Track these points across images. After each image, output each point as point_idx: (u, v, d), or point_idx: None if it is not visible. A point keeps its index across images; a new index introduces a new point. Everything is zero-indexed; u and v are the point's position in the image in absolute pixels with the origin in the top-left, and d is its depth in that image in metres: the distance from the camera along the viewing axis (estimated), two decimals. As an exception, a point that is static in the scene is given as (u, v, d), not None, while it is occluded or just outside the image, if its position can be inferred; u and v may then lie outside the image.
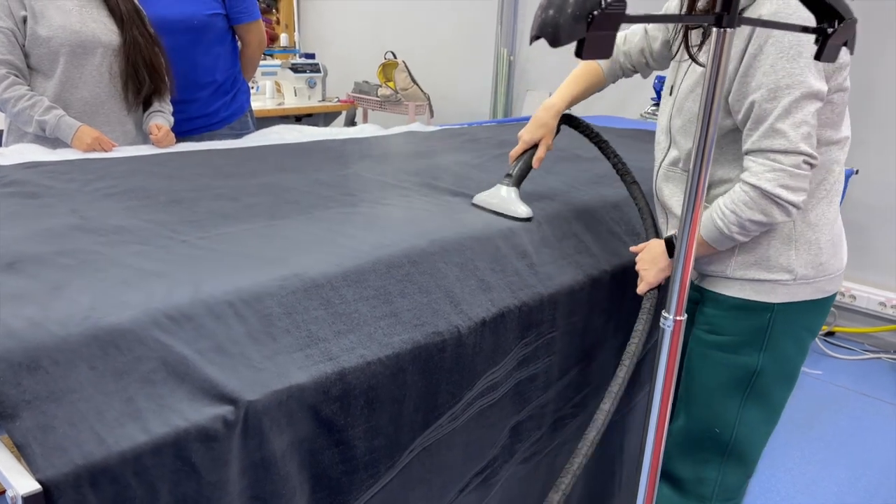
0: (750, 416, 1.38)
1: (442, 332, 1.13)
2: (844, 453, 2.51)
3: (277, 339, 0.97)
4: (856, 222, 3.28)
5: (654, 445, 1.14)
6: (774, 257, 1.29)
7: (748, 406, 1.37)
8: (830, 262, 1.32)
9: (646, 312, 1.37)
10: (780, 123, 1.16)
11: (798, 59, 1.14)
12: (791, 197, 1.18)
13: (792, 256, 1.29)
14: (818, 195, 1.29)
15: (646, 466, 1.16)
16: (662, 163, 1.41)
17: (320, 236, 1.23)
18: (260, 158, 1.86)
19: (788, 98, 1.15)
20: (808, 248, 1.29)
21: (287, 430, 0.93)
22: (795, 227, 1.29)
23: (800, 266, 1.29)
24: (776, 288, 1.30)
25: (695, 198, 0.99)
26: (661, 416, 1.13)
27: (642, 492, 1.18)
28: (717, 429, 1.39)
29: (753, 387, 1.35)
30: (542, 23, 0.81)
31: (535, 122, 1.50)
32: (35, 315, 0.87)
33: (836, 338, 3.43)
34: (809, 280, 1.30)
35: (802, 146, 1.16)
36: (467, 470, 1.28)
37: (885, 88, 3.09)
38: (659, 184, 1.42)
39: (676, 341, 1.08)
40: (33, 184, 1.47)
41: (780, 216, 1.20)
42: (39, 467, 0.74)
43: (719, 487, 1.43)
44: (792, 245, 1.29)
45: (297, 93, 4.20)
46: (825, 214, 1.30)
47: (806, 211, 1.28)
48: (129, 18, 2.06)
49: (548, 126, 1.49)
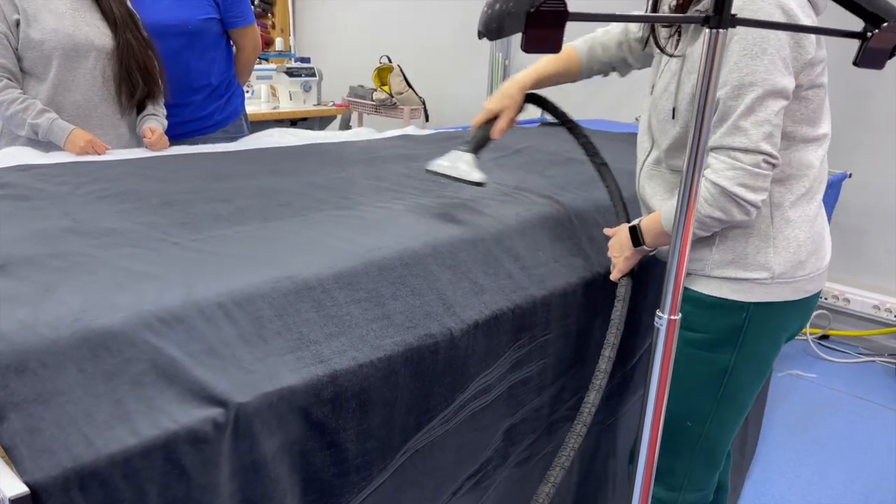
0: (722, 412, 1.38)
1: (434, 334, 1.13)
2: (839, 456, 2.51)
3: (268, 341, 0.97)
4: (850, 225, 3.29)
5: (649, 447, 1.14)
6: (752, 255, 1.28)
7: (722, 403, 1.37)
8: (810, 260, 1.30)
9: (620, 300, 1.38)
10: (743, 121, 1.16)
11: (762, 56, 1.13)
12: (750, 196, 1.18)
13: (770, 254, 1.27)
14: (797, 192, 1.27)
15: (641, 469, 1.16)
16: (645, 161, 1.41)
17: (313, 238, 1.23)
18: (254, 161, 1.85)
19: (751, 95, 1.14)
20: (787, 246, 1.28)
21: (278, 433, 0.93)
22: (774, 224, 1.27)
23: (778, 264, 1.27)
24: (753, 287, 1.29)
25: (688, 199, 0.98)
26: (656, 417, 1.13)
27: (637, 495, 1.18)
28: (689, 423, 1.39)
29: (727, 384, 1.35)
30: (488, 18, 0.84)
31: (500, 93, 1.49)
32: (25, 317, 0.87)
33: (830, 341, 3.44)
34: (788, 279, 1.29)
35: (763, 145, 1.16)
36: (460, 473, 1.28)
37: (879, 92, 3.10)
38: (642, 182, 1.43)
39: (671, 340, 1.08)
40: (25, 186, 1.47)
41: (738, 214, 1.20)
42: (27, 470, 0.73)
43: (688, 479, 1.44)
44: (770, 243, 1.27)
45: (292, 97, 4.20)
46: (805, 212, 1.29)
47: (784, 208, 1.27)
48: (123, 22, 2.06)
49: (512, 98, 1.48)
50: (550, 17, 0.75)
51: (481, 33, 0.87)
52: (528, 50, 0.78)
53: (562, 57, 1.54)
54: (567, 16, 0.76)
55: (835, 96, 3.55)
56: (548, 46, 0.77)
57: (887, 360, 3.25)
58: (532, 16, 0.75)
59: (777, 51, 1.14)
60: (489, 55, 4.43)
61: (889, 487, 2.34)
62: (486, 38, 0.87)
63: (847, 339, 3.43)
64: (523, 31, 0.76)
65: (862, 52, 0.88)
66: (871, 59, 0.89)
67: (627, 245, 1.36)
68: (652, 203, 1.39)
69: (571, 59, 1.54)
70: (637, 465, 1.13)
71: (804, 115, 1.23)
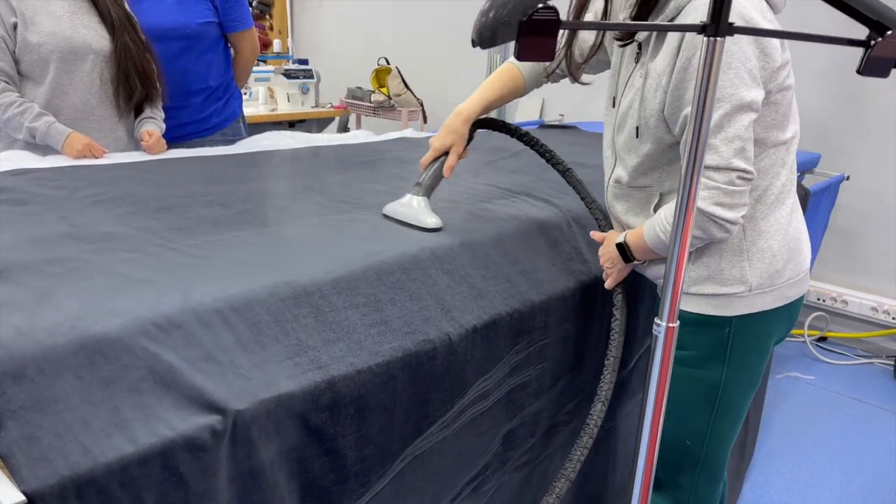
0: (720, 427, 1.36)
1: (433, 339, 1.13)
2: (837, 458, 2.51)
3: (266, 347, 0.97)
4: (847, 228, 3.30)
5: (647, 452, 1.14)
6: (727, 269, 1.25)
7: (718, 419, 1.35)
8: (787, 268, 1.28)
9: (618, 309, 1.38)
10: (712, 139, 1.13)
11: (727, 71, 1.10)
12: (726, 214, 1.15)
13: (745, 268, 1.25)
14: (766, 201, 1.25)
15: (639, 474, 1.15)
16: (610, 179, 1.38)
17: (310, 243, 1.22)
18: (251, 165, 1.85)
19: (719, 113, 1.11)
20: (762, 258, 1.25)
21: (276, 440, 0.93)
22: (746, 237, 1.25)
23: (754, 277, 1.25)
24: (732, 301, 1.26)
25: (685, 211, 0.98)
26: (655, 423, 1.13)
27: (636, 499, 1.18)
28: (689, 441, 1.37)
29: (721, 400, 1.33)
30: (481, 26, 0.84)
31: (445, 129, 1.45)
32: (22, 324, 0.86)
33: (828, 343, 3.44)
34: (767, 289, 1.26)
35: (735, 161, 1.13)
36: (459, 478, 1.27)
37: (876, 95, 3.10)
38: (610, 200, 1.40)
39: (669, 348, 1.08)
40: (22, 191, 1.46)
41: (718, 233, 1.18)
42: (24, 478, 0.73)
43: (693, 495, 1.43)
44: (744, 256, 1.25)
45: (290, 98, 4.19)
46: (777, 220, 1.26)
47: (755, 220, 1.25)
48: (121, 24, 2.05)
49: (458, 132, 1.44)
50: (543, 25, 0.76)
51: (475, 41, 0.88)
52: (521, 58, 0.78)
53: (504, 77, 1.50)
54: (559, 24, 0.76)
55: (832, 100, 3.56)
56: (541, 54, 0.78)
57: (885, 362, 3.26)
58: (525, 24, 0.75)
59: (742, 63, 1.11)
60: (487, 56, 4.43)
61: (887, 489, 2.34)
62: (479, 46, 0.87)
63: (845, 340, 3.43)
64: (516, 39, 0.77)
65: (865, 61, 0.88)
66: (874, 68, 0.89)
67: (618, 259, 1.35)
68: (626, 220, 1.36)
69: (515, 76, 1.49)
70: (635, 472, 1.13)
71: (774, 120, 1.21)
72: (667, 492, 1.46)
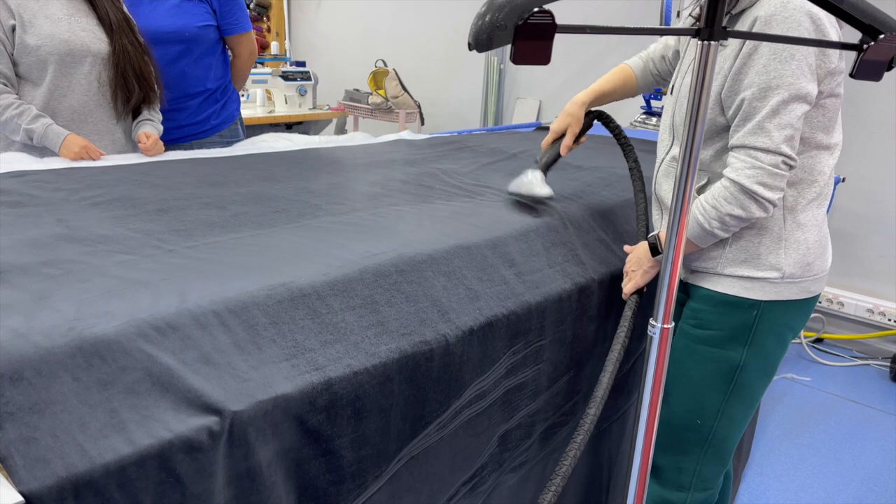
0: (732, 409, 1.41)
1: (429, 341, 1.13)
2: (833, 459, 2.52)
3: (263, 348, 0.97)
4: (843, 230, 3.31)
5: (642, 452, 1.14)
6: (764, 255, 1.32)
7: (731, 400, 1.40)
8: (817, 262, 1.35)
9: (627, 319, 1.41)
10: (767, 122, 1.20)
11: (790, 61, 1.17)
12: (768, 194, 1.22)
13: (781, 255, 1.32)
14: (808, 196, 1.32)
15: (635, 473, 1.16)
16: (664, 159, 1.45)
17: (308, 245, 1.23)
18: (248, 167, 1.85)
19: (777, 98, 1.19)
20: (797, 248, 1.32)
21: (273, 441, 0.93)
22: (786, 226, 1.31)
23: (788, 265, 1.32)
24: (764, 286, 1.33)
25: (680, 212, 0.99)
26: (650, 423, 1.13)
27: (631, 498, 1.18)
28: (699, 420, 1.42)
29: (737, 381, 1.39)
30: (478, 30, 0.86)
31: (563, 113, 1.59)
32: (19, 326, 0.87)
33: (824, 344, 3.45)
34: (796, 279, 1.33)
35: (783, 147, 1.20)
36: (455, 479, 1.28)
37: (871, 97, 3.12)
38: (659, 179, 1.47)
39: (664, 349, 1.09)
40: (19, 193, 1.46)
41: (757, 212, 1.25)
42: (22, 479, 0.73)
43: (697, 477, 1.46)
44: (782, 244, 1.32)
45: (287, 100, 4.20)
46: (815, 216, 1.33)
47: (796, 212, 1.31)
48: (119, 27, 2.06)
49: (573, 115, 1.57)
50: (539, 29, 0.77)
51: (471, 45, 0.89)
52: (517, 62, 0.79)
53: (618, 75, 1.63)
54: (555, 28, 0.77)
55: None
56: (537, 58, 0.78)
57: (881, 364, 3.27)
58: (521, 28, 0.76)
59: (804, 57, 1.18)
60: (484, 59, 4.44)
61: (882, 491, 2.34)
62: (476, 49, 0.88)
63: (841, 342, 3.44)
64: (512, 43, 0.78)
65: (858, 64, 0.89)
66: (867, 71, 0.90)
67: (646, 258, 1.40)
68: (668, 200, 1.42)
69: (627, 76, 1.63)
70: (631, 473, 1.13)
71: (821, 123, 1.27)
72: (668, 478, 1.48)
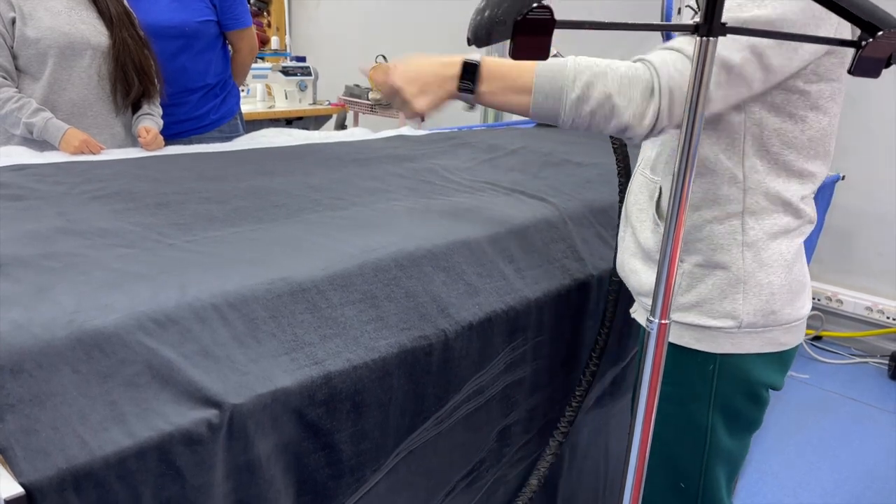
0: (714, 471, 1.23)
1: (429, 336, 1.13)
2: (831, 457, 2.53)
3: (263, 342, 0.97)
4: (842, 227, 3.31)
5: (639, 448, 1.14)
6: (718, 300, 1.12)
7: (711, 463, 1.22)
8: (785, 310, 1.13)
9: (612, 302, 1.39)
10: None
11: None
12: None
13: (738, 301, 1.11)
14: (770, 229, 1.11)
15: (631, 469, 1.16)
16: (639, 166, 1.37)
17: (307, 240, 1.23)
18: (248, 162, 1.86)
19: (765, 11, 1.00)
20: (759, 293, 1.11)
21: (272, 434, 0.93)
22: (745, 264, 1.11)
23: (746, 313, 1.11)
24: (717, 336, 1.13)
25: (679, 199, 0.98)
26: (647, 421, 1.13)
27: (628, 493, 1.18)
28: (683, 483, 1.26)
29: (711, 444, 1.20)
30: (476, 25, 0.85)
31: None
32: (19, 318, 0.87)
33: (822, 342, 3.46)
34: (758, 329, 1.12)
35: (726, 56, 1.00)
36: (454, 474, 1.28)
37: (871, 95, 3.12)
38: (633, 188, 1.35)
39: (662, 344, 1.08)
40: (19, 186, 1.47)
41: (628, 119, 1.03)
42: (22, 471, 0.74)
43: None
44: (740, 288, 1.11)
45: (287, 96, 4.20)
46: (781, 253, 1.12)
47: (757, 248, 1.11)
48: (119, 20, 2.06)
49: None
50: (538, 24, 0.77)
51: (470, 40, 0.88)
52: (516, 57, 0.79)
53: None
54: (554, 24, 0.77)
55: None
56: (536, 53, 0.78)
57: (879, 362, 3.27)
58: (520, 23, 0.76)
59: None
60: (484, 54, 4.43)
61: (880, 488, 2.35)
62: (475, 44, 0.88)
63: (840, 340, 3.45)
64: (511, 38, 0.77)
65: (857, 61, 0.88)
66: (865, 68, 0.89)
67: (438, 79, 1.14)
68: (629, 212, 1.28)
69: None
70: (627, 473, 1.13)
71: (796, 140, 1.08)
72: None
